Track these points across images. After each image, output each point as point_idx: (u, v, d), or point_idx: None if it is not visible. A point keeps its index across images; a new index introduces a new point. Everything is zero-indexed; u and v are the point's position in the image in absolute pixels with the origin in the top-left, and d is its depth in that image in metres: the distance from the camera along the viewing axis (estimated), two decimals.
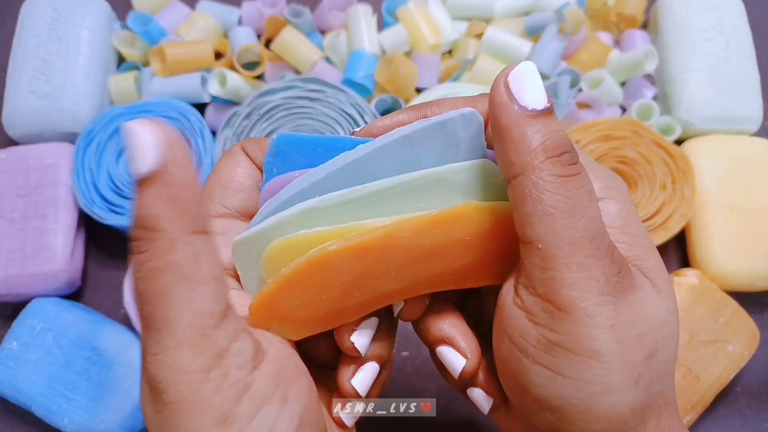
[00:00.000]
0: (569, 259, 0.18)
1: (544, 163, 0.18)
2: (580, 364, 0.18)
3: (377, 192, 0.21)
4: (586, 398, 0.19)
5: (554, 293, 0.18)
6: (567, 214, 0.18)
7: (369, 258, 0.20)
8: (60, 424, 0.40)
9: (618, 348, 0.18)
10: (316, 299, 0.21)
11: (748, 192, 0.46)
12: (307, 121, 0.47)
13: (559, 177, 0.18)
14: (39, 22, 0.49)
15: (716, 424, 0.44)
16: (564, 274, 0.18)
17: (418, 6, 0.52)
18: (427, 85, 0.51)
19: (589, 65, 0.51)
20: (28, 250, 0.44)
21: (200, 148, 0.45)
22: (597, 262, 0.18)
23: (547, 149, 0.18)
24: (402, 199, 0.21)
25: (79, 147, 0.45)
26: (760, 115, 0.50)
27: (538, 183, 0.18)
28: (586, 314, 0.18)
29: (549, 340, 0.19)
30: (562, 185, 0.18)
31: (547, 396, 0.19)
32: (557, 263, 0.18)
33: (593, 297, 0.18)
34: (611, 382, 0.18)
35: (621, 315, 0.18)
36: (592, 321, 0.18)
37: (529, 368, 0.19)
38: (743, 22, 0.52)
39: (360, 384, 0.22)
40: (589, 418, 0.19)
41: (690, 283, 0.43)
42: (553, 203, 0.18)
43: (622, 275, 0.19)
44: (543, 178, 0.18)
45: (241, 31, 0.52)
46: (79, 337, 0.41)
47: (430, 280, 0.22)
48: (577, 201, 0.18)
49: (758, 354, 0.43)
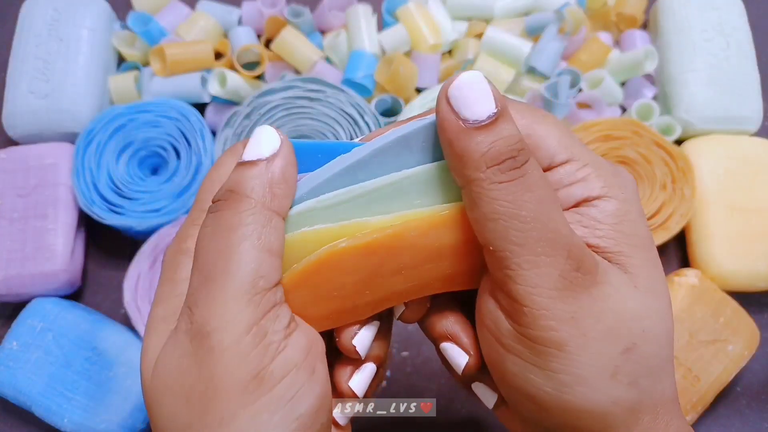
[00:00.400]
0: (518, 258, 0.19)
1: (486, 173, 0.19)
2: (546, 355, 0.19)
3: (375, 190, 0.21)
4: (559, 388, 0.19)
5: (511, 289, 0.19)
6: (510, 217, 0.18)
7: (378, 256, 0.21)
8: (60, 424, 0.40)
9: (584, 340, 0.19)
10: (326, 296, 0.21)
11: (748, 192, 0.46)
12: (307, 121, 0.47)
13: (500, 183, 0.19)
14: (39, 22, 0.49)
15: (716, 424, 0.44)
16: (516, 272, 0.19)
17: (418, 6, 0.52)
18: (427, 85, 0.51)
19: (589, 65, 0.51)
20: (28, 250, 0.44)
21: (200, 148, 0.45)
22: (548, 259, 0.18)
23: (488, 159, 0.19)
24: (399, 197, 0.21)
25: (79, 147, 0.45)
26: (760, 115, 0.50)
27: (480, 192, 0.19)
28: (542, 307, 0.19)
29: (518, 332, 0.20)
30: (503, 191, 0.18)
31: (523, 384, 0.20)
32: (509, 263, 0.19)
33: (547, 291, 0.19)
34: (581, 373, 0.19)
35: (583, 308, 0.19)
36: (549, 313, 0.19)
37: (505, 357, 0.20)
38: (743, 22, 0.52)
39: (357, 386, 0.23)
40: (566, 407, 0.19)
41: (690, 283, 0.43)
42: (496, 209, 0.19)
43: (583, 271, 0.19)
44: (484, 187, 0.19)
45: (241, 31, 0.52)
46: (79, 337, 0.41)
47: (437, 280, 0.22)
48: (520, 204, 0.18)
49: (758, 354, 0.43)
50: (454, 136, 0.19)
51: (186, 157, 0.46)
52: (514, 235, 0.18)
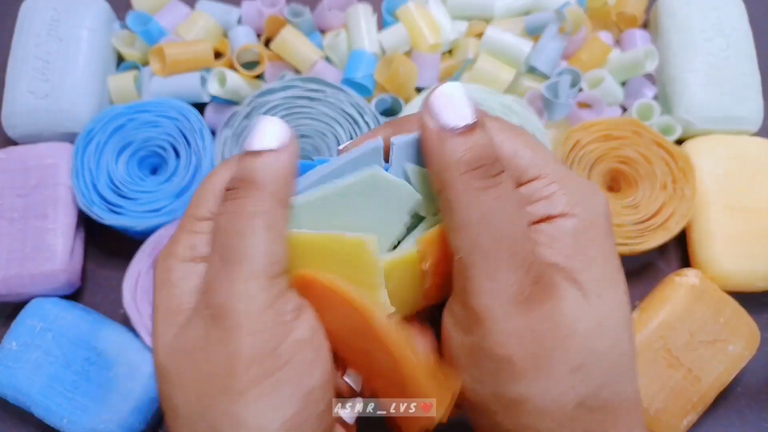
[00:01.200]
0: (481, 268, 0.19)
1: (462, 177, 0.19)
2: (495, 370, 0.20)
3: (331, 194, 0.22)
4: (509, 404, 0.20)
5: (470, 300, 0.20)
6: (480, 225, 0.19)
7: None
8: (60, 424, 0.40)
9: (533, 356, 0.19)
10: None
11: (748, 192, 0.46)
12: (307, 120, 0.47)
13: (475, 190, 0.19)
14: (39, 22, 0.49)
15: (716, 424, 0.44)
16: (477, 283, 0.19)
17: (418, 6, 0.51)
18: (427, 85, 0.51)
19: (590, 65, 0.51)
20: (28, 250, 0.44)
21: (200, 147, 0.45)
22: (509, 272, 0.19)
23: (465, 163, 0.19)
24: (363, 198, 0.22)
25: (78, 147, 0.45)
26: (760, 115, 0.50)
27: (455, 197, 0.20)
28: (495, 321, 0.19)
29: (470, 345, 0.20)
30: (476, 198, 0.19)
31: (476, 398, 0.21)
32: (472, 272, 0.19)
33: (503, 304, 0.19)
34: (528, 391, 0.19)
35: (533, 324, 0.19)
36: (500, 328, 0.19)
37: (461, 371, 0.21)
38: (743, 22, 0.52)
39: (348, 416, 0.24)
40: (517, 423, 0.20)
41: (690, 283, 0.43)
42: (467, 216, 0.19)
43: (540, 286, 0.19)
44: (459, 191, 0.19)
45: (241, 31, 0.52)
46: (78, 337, 0.41)
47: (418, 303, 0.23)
48: (490, 213, 0.19)
49: (758, 354, 0.43)
50: (434, 140, 0.20)
51: (185, 157, 0.45)
52: (481, 244, 0.19)
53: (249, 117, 0.47)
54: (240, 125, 0.47)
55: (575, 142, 0.46)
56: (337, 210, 0.22)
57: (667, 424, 0.40)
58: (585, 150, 0.46)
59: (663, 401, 0.40)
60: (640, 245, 0.45)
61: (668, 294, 0.43)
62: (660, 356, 0.41)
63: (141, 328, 0.42)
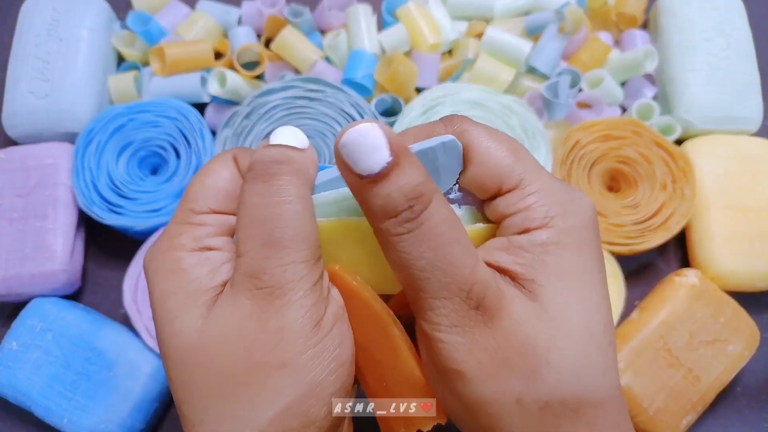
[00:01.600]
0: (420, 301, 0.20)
1: (385, 225, 0.20)
2: (451, 384, 0.21)
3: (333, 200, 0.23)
4: (471, 414, 0.21)
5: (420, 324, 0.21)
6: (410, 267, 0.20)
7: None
8: (60, 424, 0.40)
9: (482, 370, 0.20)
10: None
11: (748, 192, 0.46)
12: (307, 121, 0.47)
13: (397, 236, 0.20)
14: (39, 22, 0.49)
15: (716, 424, 0.44)
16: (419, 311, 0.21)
17: (418, 6, 0.52)
18: (427, 85, 0.51)
19: (589, 65, 0.51)
20: (28, 250, 0.44)
21: (200, 147, 0.45)
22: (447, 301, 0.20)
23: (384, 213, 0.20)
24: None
25: (78, 147, 0.45)
26: (760, 115, 0.50)
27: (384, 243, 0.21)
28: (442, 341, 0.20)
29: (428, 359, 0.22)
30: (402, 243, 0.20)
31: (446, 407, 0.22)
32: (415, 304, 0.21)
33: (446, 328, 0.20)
34: (485, 399, 0.20)
35: (480, 341, 0.20)
36: (448, 346, 0.20)
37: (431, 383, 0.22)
38: (743, 22, 0.52)
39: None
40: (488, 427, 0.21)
41: (690, 283, 0.43)
42: (399, 258, 0.20)
43: (483, 308, 0.20)
44: (386, 238, 0.20)
45: (241, 31, 0.52)
46: (78, 337, 0.41)
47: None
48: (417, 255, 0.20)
49: (758, 354, 0.43)
50: (355, 188, 0.20)
51: (186, 157, 0.45)
52: (415, 282, 0.20)
53: (249, 117, 0.47)
54: (240, 125, 0.47)
55: (575, 142, 0.46)
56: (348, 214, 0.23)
57: (667, 424, 0.40)
58: (585, 150, 0.46)
59: (663, 401, 0.40)
60: (640, 245, 0.45)
61: (668, 294, 0.43)
62: (660, 356, 0.41)
63: (141, 328, 0.42)
